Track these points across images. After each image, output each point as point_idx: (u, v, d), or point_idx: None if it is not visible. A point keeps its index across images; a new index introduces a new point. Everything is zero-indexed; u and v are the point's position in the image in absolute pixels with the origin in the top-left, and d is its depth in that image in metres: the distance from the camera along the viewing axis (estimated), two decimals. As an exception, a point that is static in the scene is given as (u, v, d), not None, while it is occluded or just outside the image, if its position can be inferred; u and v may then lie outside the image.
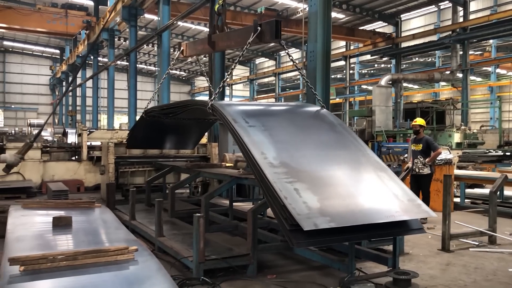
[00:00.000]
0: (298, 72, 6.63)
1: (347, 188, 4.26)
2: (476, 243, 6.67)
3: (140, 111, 10.22)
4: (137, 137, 8.33)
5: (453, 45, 23.11)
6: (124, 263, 3.97)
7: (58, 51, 43.37)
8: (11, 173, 6.72)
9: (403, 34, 27.51)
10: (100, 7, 27.53)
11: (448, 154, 10.33)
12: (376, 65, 37.05)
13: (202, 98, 35.26)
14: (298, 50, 35.86)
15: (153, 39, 16.88)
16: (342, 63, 32.12)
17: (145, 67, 46.27)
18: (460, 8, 23.38)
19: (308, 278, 5.05)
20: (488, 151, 16.48)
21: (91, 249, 4.07)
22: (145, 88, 46.81)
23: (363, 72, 37.26)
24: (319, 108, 5.65)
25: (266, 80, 44.28)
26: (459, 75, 24.12)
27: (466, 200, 10.31)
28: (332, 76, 34.88)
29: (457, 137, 20.05)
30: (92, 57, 28.88)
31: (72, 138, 18.62)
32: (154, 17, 26.10)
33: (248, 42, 5.47)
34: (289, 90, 41.14)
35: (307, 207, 3.73)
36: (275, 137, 4.67)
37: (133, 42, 19.33)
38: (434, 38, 25.46)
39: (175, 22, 14.88)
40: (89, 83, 29.73)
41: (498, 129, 21.59)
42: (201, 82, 50.34)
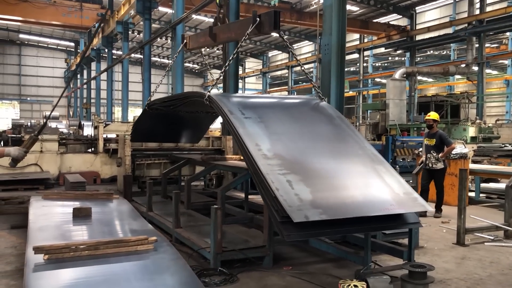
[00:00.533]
0: (298, 64, 6.62)
1: (341, 180, 4.18)
2: (492, 238, 6.64)
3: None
4: (141, 130, 8.14)
5: (468, 38, 22.77)
6: (144, 253, 4.08)
7: (72, 44, 43.84)
8: (18, 166, 6.67)
9: (418, 27, 27.22)
10: (114, 0, 27.68)
11: (464, 148, 10.25)
12: (390, 58, 36.76)
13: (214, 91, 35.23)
14: (312, 43, 35.77)
15: (167, 32, 16.97)
16: (355, 56, 31.91)
17: (159, 59, 46.44)
18: (476, 0, 23.07)
19: (323, 270, 5.09)
20: (504, 145, 16.29)
21: (112, 239, 4.18)
22: (158, 81, 46.83)
23: (377, 65, 36.99)
24: (318, 100, 5.53)
25: (279, 73, 44.16)
26: (475, 68, 23.82)
27: (481, 195, 10.25)
28: (346, 69, 34.63)
29: (471, 131, 19.82)
30: (106, 50, 29.12)
31: (88, 131, 18.81)
32: (168, 10, 26.21)
33: (246, 33, 5.35)
34: (302, 83, 41.01)
35: (299, 199, 3.67)
36: (271, 129, 4.58)
37: (147, 35, 19.46)
38: (449, 30, 25.17)
39: (189, 15, 14.91)
40: (104, 76, 30.01)
41: (514, 123, 21.36)
42: (215, 75, 50.18)
